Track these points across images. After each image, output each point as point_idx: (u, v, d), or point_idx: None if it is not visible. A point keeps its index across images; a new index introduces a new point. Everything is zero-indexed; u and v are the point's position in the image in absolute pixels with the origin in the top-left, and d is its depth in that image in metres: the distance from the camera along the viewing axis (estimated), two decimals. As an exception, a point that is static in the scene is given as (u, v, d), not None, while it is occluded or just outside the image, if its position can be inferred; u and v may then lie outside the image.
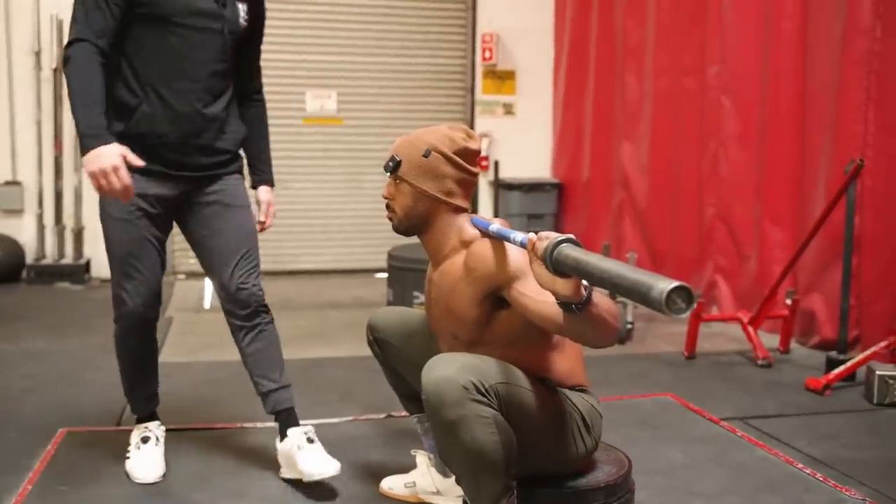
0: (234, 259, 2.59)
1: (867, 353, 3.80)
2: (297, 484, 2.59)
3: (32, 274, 6.34)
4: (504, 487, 1.85)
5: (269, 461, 2.78)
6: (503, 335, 2.01)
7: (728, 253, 5.28)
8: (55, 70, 6.42)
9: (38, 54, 6.44)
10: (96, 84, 2.36)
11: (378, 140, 6.98)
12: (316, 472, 2.50)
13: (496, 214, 7.29)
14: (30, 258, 6.49)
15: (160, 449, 2.71)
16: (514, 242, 1.87)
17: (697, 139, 5.51)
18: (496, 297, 1.96)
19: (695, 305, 1.40)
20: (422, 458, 2.50)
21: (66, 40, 2.46)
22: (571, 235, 1.64)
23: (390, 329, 2.40)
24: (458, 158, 2.06)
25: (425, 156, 2.05)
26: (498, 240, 1.94)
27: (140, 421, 2.78)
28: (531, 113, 7.46)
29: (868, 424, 3.34)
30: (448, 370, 1.80)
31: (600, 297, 1.71)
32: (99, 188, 2.31)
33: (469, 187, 2.12)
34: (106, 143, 2.31)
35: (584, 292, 1.63)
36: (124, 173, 2.29)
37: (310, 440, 2.58)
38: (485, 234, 2.00)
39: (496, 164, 7.24)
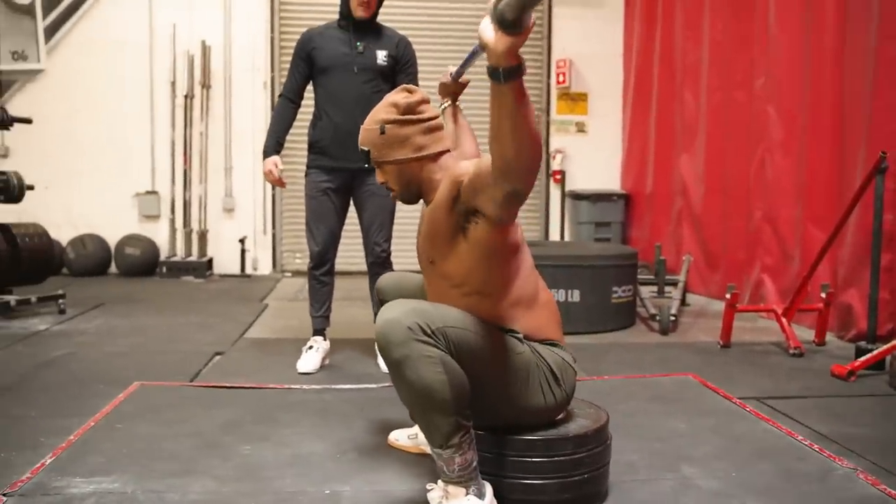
0: (373, 226, 3.49)
1: (895, 342, 3.47)
2: (313, 432, 2.56)
3: (164, 269, 6.60)
4: (455, 425, 1.73)
5: (300, 415, 2.76)
6: (465, 272, 1.90)
7: (773, 253, 4.96)
8: (186, 97, 6.69)
9: (173, 84, 6.73)
10: (279, 125, 3.49)
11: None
12: (386, 368, 3.35)
13: (562, 222, 7.15)
14: (163, 256, 6.76)
15: (318, 354, 3.50)
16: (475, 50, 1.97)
17: (746, 147, 5.22)
18: (462, 214, 1.87)
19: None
20: (425, 413, 2.41)
21: (196, 72, 5.92)
22: None
23: (389, 290, 2.34)
24: (407, 116, 1.99)
25: (382, 133, 1.99)
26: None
27: (314, 334, 3.57)
28: (602, 130, 7.27)
29: (884, 408, 3.02)
30: (395, 313, 1.72)
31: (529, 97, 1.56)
32: (267, 180, 3.50)
33: (436, 130, 2.03)
34: (268, 157, 3.43)
35: (520, 60, 1.47)
36: (274, 174, 3.41)
37: None
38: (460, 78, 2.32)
39: (563, 175, 7.07)
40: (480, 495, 1.81)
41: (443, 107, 2.49)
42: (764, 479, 2.22)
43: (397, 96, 2.01)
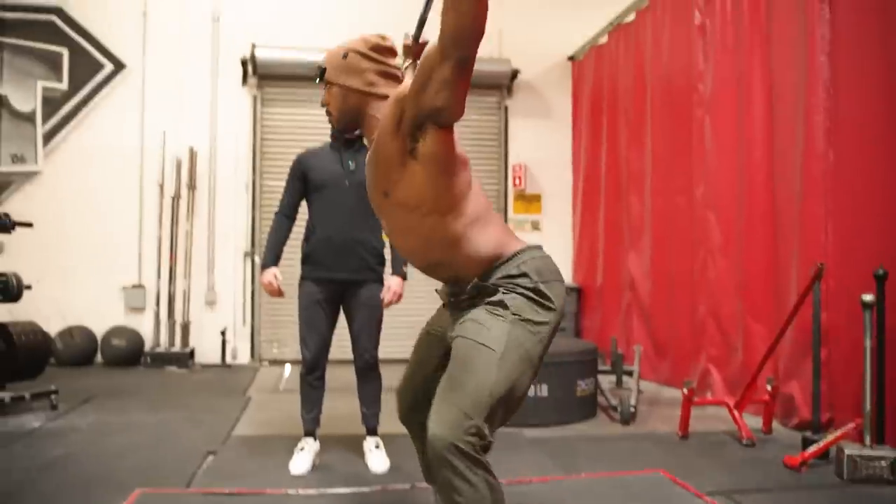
0: (362, 334, 3.44)
1: (837, 433, 3.50)
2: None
3: (148, 359, 6.37)
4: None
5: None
6: (417, 193, 1.86)
7: (718, 344, 5.02)
8: (173, 198, 6.61)
9: (161, 185, 6.65)
10: (277, 239, 3.44)
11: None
12: (375, 469, 3.37)
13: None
14: (147, 346, 6.55)
15: (310, 455, 3.40)
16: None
17: (689, 248, 5.34)
18: (409, 134, 1.81)
19: None
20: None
21: (184, 175, 5.24)
22: None
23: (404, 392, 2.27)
24: (373, 53, 2.01)
25: (344, 57, 2.01)
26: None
27: (305, 435, 3.46)
28: (555, 228, 7.37)
29: (836, 499, 3.03)
30: (442, 429, 1.67)
31: None
32: (266, 291, 3.40)
33: (392, 77, 2.04)
34: (267, 268, 3.40)
35: None
36: (274, 285, 3.37)
37: (377, 446, 3.48)
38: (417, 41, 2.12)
39: (524, 270, 7.14)
40: None
41: (405, 66, 2.49)
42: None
43: (372, 36, 2.04)
